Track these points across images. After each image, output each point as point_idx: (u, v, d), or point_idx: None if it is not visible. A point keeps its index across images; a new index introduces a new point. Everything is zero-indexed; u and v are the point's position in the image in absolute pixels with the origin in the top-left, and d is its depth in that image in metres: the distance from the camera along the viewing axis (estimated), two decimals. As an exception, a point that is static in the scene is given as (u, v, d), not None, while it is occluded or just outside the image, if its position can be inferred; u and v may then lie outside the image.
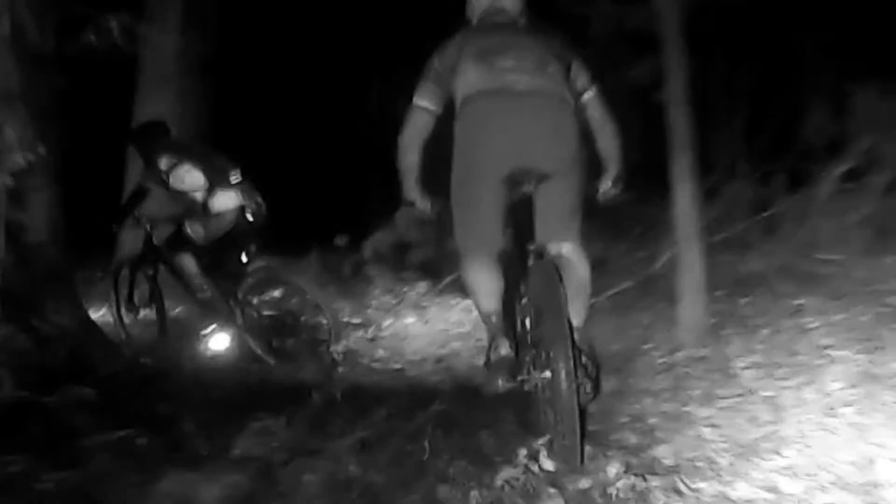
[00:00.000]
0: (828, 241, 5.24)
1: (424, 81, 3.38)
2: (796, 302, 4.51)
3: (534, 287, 3.12)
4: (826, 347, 3.81)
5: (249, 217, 5.15)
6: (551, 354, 2.79)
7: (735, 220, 5.66)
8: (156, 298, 5.53)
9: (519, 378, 3.06)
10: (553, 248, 3.24)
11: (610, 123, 3.44)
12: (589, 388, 3.04)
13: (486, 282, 3.25)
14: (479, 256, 3.27)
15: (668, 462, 2.84)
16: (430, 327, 5.68)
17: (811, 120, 6.25)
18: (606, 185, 3.46)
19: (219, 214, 5.11)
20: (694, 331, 4.23)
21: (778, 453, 2.78)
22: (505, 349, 3.13)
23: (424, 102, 3.35)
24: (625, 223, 6.27)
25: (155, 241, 5.45)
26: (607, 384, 3.81)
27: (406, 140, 3.34)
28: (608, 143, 3.45)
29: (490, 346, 3.21)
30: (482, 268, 3.26)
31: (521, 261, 3.23)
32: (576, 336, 3.02)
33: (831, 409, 3.08)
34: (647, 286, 5.26)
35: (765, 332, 4.21)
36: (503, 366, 3.10)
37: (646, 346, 4.33)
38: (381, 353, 5.22)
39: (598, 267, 5.66)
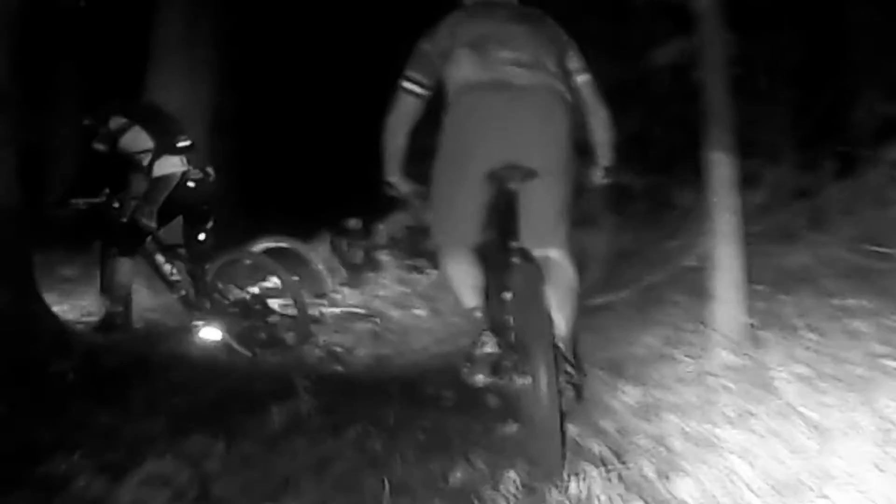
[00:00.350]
0: (881, 233, 4.73)
1: (414, 64, 3.26)
2: (845, 302, 4.03)
3: (516, 289, 3.02)
4: (880, 357, 3.33)
5: (190, 184, 4.94)
6: (532, 360, 2.70)
7: (778, 209, 5.20)
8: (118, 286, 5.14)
9: (502, 379, 2.96)
10: (538, 251, 3.12)
11: (601, 111, 3.37)
12: (572, 396, 2.91)
13: (465, 276, 3.21)
14: (458, 250, 3.23)
15: (691, 502, 2.40)
16: (440, 320, 5.25)
17: (862, 99, 5.92)
18: (596, 176, 3.43)
19: (160, 178, 4.91)
20: (729, 333, 3.73)
21: (823, 496, 2.32)
22: (490, 347, 3.03)
23: (412, 86, 3.24)
24: (659, 210, 5.84)
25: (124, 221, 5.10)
26: (626, 396, 3.37)
27: (392, 123, 3.26)
28: (599, 132, 3.39)
29: (475, 342, 3.08)
30: (461, 262, 3.21)
31: (504, 260, 3.10)
32: (560, 343, 2.93)
33: (887, 438, 2.60)
34: (679, 280, 4.79)
35: (809, 336, 3.73)
36: (486, 363, 3.00)
37: (673, 351, 3.85)
38: (383, 350, 4.80)
39: (627, 258, 5.30)
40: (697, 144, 3.90)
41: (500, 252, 3.13)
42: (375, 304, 5.64)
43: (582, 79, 3.33)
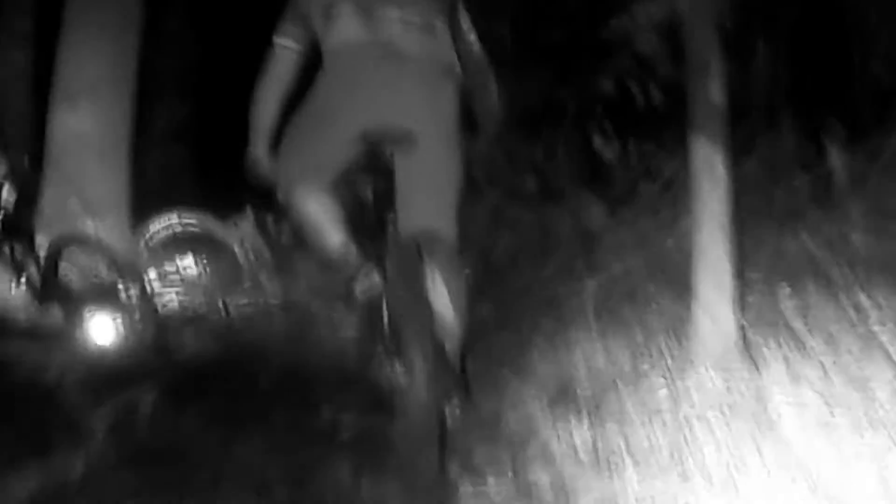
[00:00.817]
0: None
1: (288, 17, 2.99)
2: (860, 298, 3.26)
3: (390, 268, 2.82)
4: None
5: None
6: (407, 348, 2.52)
7: (775, 182, 4.49)
8: None
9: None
10: (418, 227, 2.83)
11: (487, 76, 3.12)
12: (456, 405, 2.73)
13: (325, 211, 2.95)
14: (312, 185, 2.94)
15: None
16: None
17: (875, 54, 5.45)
18: (478, 145, 3.22)
19: None
20: (714, 341, 2.97)
21: None
22: (371, 280, 2.87)
23: (288, 41, 2.96)
24: (638, 183, 5.09)
25: None
26: (575, 431, 2.56)
27: (264, 86, 2.99)
28: (484, 97, 3.14)
29: (352, 282, 2.92)
30: (317, 197, 2.95)
31: (377, 234, 2.91)
32: (446, 334, 2.72)
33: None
34: (657, 269, 4.01)
35: (817, 344, 2.96)
36: (366, 302, 2.91)
37: (642, 365, 3.06)
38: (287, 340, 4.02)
39: (594, 241, 4.52)
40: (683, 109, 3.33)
41: (372, 224, 2.93)
42: (298, 294, 4.85)
43: (471, 40, 3.09)
